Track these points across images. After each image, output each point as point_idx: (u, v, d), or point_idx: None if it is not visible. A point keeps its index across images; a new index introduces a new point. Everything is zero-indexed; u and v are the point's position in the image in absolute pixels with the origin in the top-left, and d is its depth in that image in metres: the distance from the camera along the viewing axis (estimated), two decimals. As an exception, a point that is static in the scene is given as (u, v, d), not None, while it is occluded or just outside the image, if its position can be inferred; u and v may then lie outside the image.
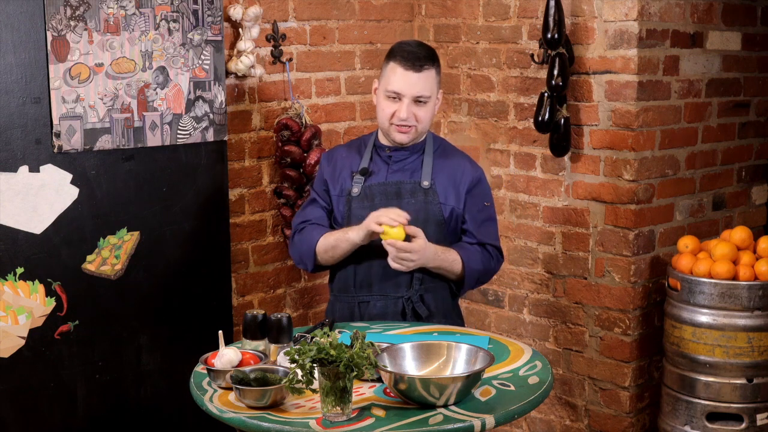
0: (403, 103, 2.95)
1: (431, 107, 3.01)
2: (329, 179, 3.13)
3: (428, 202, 3.03)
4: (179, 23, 3.26)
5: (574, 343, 3.93)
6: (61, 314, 3.10)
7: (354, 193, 3.05)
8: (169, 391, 3.37)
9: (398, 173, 3.06)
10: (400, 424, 2.19)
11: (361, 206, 3.03)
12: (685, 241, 3.68)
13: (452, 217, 3.05)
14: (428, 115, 3.01)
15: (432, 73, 2.97)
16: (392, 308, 3.04)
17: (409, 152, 3.08)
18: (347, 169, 3.11)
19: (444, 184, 3.05)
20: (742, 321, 3.45)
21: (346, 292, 3.09)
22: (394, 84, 2.95)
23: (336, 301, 3.13)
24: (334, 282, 3.15)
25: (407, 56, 2.95)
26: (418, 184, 3.04)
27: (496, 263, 3.11)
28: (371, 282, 3.05)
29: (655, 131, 3.72)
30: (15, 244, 2.99)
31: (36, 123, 3.00)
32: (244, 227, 3.76)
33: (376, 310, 3.04)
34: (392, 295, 3.03)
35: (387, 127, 3.01)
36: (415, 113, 2.97)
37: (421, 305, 3.03)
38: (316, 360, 2.20)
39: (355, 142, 3.23)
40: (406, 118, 2.96)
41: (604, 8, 3.65)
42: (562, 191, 3.90)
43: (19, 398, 3.05)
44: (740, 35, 4.00)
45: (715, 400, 3.51)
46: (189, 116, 3.32)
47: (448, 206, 3.04)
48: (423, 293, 3.04)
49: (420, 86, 2.95)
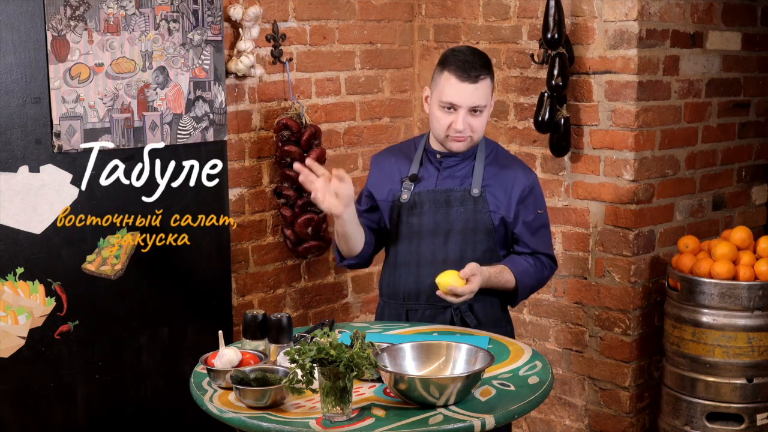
0: (459, 114, 2.87)
1: (486, 115, 2.92)
2: (376, 185, 3.08)
3: (477, 211, 2.96)
4: (179, 23, 3.26)
5: (574, 343, 3.93)
6: (61, 314, 3.10)
7: (403, 199, 2.99)
8: (169, 391, 3.37)
9: (448, 180, 2.99)
10: (400, 424, 2.19)
11: (410, 213, 2.99)
12: (685, 241, 3.68)
13: (502, 225, 2.98)
14: (483, 123, 2.92)
15: (487, 81, 2.89)
16: (441, 317, 2.98)
17: (460, 158, 3.00)
18: (397, 174, 3.05)
19: (495, 192, 2.97)
20: (742, 321, 3.45)
21: (395, 299, 3.06)
22: (449, 95, 2.86)
23: (385, 306, 3.10)
24: (382, 287, 3.12)
25: (462, 66, 2.85)
26: (468, 192, 2.97)
27: (550, 272, 3.06)
28: (419, 291, 3.00)
29: (655, 131, 3.72)
30: (15, 244, 2.99)
31: (36, 123, 3.00)
32: (244, 227, 3.76)
33: (425, 318, 3.00)
34: (440, 305, 2.96)
35: (443, 138, 2.94)
36: (471, 123, 2.89)
37: (470, 315, 2.97)
38: (316, 360, 2.20)
39: (405, 144, 3.16)
40: (462, 130, 2.88)
41: (604, 8, 3.65)
42: (562, 191, 3.90)
43: (19, 398, 3.05)
44: (740, 35, 4.01)
45: (715, 400, 3.51)
46: (189, 116, 3.32)
47: (498, 215, 2.97)
48: (473, 302, 2.95)
49: (476, 97, 2.86)
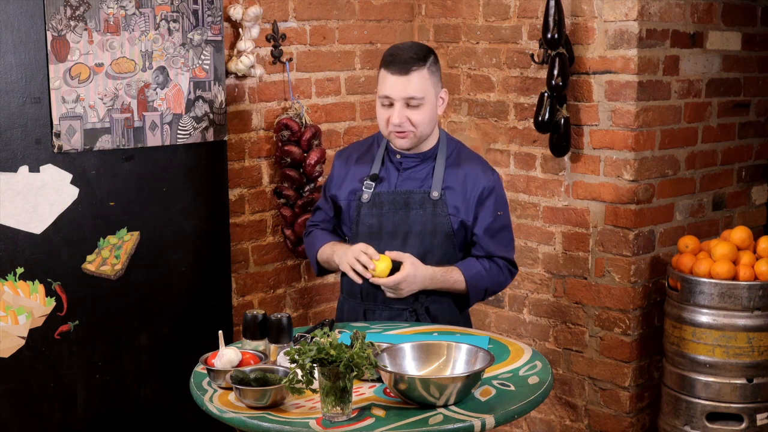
0: (395, 107, 2.88)
1: (427, 109, 2.90)
2: (338, 185, 3.11)
3: (437, 214, 2.96)
4: (179, 23, 3.26)
5: (574, 343, 3.93)
6: (61, 314, 3.10)
7: (364, 199, 3.01)
8: (169, 391, 3.37)
9: (408, 182, 3.00)
10: (400, 424, 2.19)
11: (369, 213, 3.01)
12: (685, 241, 3.68)
13: (462, 229, 2.98)
14: (425, 117, 2.90)
15: (423, 73, 2.87)
16: (398, 318, 3.00)
17: (420, 159, 3.01)
18: (359, 173, 3.07)
19: (454, 195, 2.97)
20: (742, 321, 3.45)
21: (354, 297, 3.08)
22: (383, 89, 2.90)
23: (345, 302, 3.13)
24: (343, 284, 3.14)
25: (393, 60, 2.88)
26: (427, 194, 2.97)
27: (507, 276, 3.05)
28: (377, 293, 3.01)
29: (655, 131, 3.72)
30: (15, 244, 2.99)
31: (36, 123, 3.00)
32: (244, 227, 3.76)
33: (382, 318, 3.03)
34: (397, 307, 2.99)
35: (387, 134, 2.96)
36: (409, 117, 2.88)
37: (426, 317, 2.99)
38: (316, 360, 2.20)
39: (369, 140, 3.16)
40: (399, 123, 2.88)
41: (604, 8, 3.65)
42: (562, 191, 3.90)
43: (19, 398, 3.05)
44: (740, 35, 4.01)
45: (715, 400, 3.51)
46: (189, 116, 3.32)
47: (458, 218, 2.96)
48: (429, 305, 2.99)
49: (410, 88, 2.85)
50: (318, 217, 3.19)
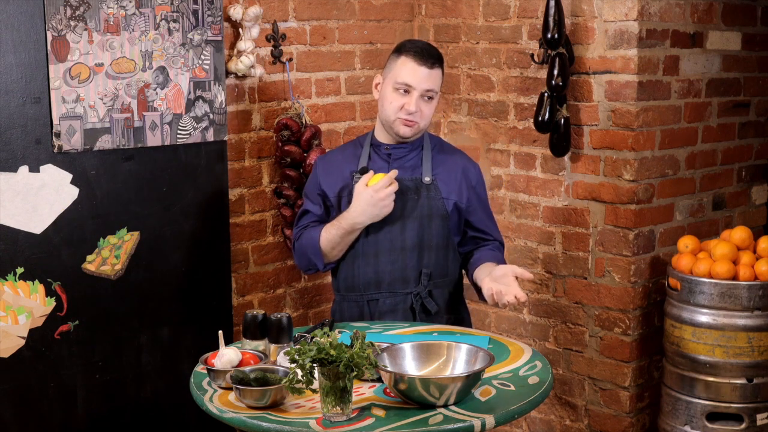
0: (413, 96, 2.98)
1: (434, 105, 3.06)
2: (326, 183, 3.13)
3: (431, 198, 3.06)
4: (179, 23, 3.26)
5: (574, 343, 3.93)
6: (61, 314, 3.10)
7: None
8: (169, 391, 3.37)
9: (399, 170, 3.06)
10: (400, 424, 2.19)
11: None
12: (685, 241, 3.68)
13: (456, 211, 3.09)
14: (432, 112, 3.06)
15: (440, 72, 3.04)
16: (402, 305, 3.05)
17: (408, 149, 3.11)
18: (346, 169, 3.11)
19: (445, 179, 3.09)
20: (742, 321, 3.45)
21: (354, 291, 3.09)
22: (405, 77, 2.98)
23: (343, 301, 3.13)
24: (339, 282, 3.15)
25: (420, 51, 3.00)
26: (419, 180, 3.07)
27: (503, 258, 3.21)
28: (379, 280, 3.06)
29: (655, 131, 3.72)
30: (15, 244, 2.99)
31: (36, 123, 3.00)
32: (244, 227, 3.76)
33: (386, 307, 3.05)
34: (401, 292, 3.05)
35: (392, 121, 3.02)
36: (422, 109, 3.00)
37: (430, 300, 3.05)
38: (316, 360, 2.20)
39: (349, 144, 3.23)
40: (414, 111, 2.98)
41: (604, 8, 3.65)
42: (562, 191, 3.90)
43: (19, 398, 3.05)
44: (740, 35, 4.00)
45: (715, 400, 3.51)
46: (189, 116, 3.32)
47: (451, 201, 3.08)
48: (432, 288, 3.07)
49: (431, 81, 2.99)
50: (307, 219, 3.17)
